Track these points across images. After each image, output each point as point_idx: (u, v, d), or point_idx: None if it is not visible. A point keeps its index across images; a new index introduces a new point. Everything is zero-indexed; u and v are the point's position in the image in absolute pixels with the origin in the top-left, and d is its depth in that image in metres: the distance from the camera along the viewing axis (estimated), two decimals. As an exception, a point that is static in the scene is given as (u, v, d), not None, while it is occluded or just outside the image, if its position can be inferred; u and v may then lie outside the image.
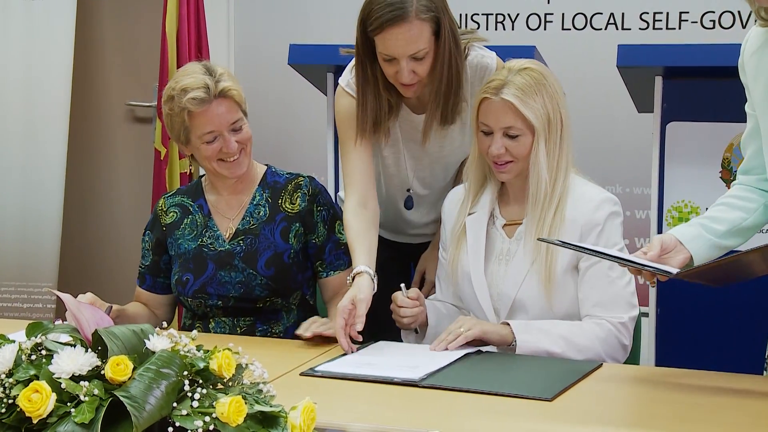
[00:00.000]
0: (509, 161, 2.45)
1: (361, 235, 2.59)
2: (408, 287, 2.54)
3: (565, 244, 2.20)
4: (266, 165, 2.83)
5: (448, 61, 2.57)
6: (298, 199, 2.74)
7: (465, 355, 2.34)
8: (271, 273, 2.68)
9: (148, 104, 4.85)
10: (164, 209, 2.82)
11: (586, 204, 2.45)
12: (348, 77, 2.72)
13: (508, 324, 2.40)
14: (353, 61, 2.69)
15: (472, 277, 2.50)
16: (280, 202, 2.75)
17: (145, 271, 2.84)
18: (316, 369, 2.24)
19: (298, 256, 2.73)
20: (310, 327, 2.53)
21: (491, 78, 2.47)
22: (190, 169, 4.28)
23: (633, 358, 2.56)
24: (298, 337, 2.60)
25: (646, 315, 3.00)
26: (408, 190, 2.86)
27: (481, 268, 2.50)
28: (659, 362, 3.18)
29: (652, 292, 3.23)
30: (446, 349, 2.36)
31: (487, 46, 3.10)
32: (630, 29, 4.10)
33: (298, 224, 2.72)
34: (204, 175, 2.84)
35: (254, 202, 2.75)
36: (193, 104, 2.60)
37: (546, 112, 2.42)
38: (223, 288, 2.70)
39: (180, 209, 2.80)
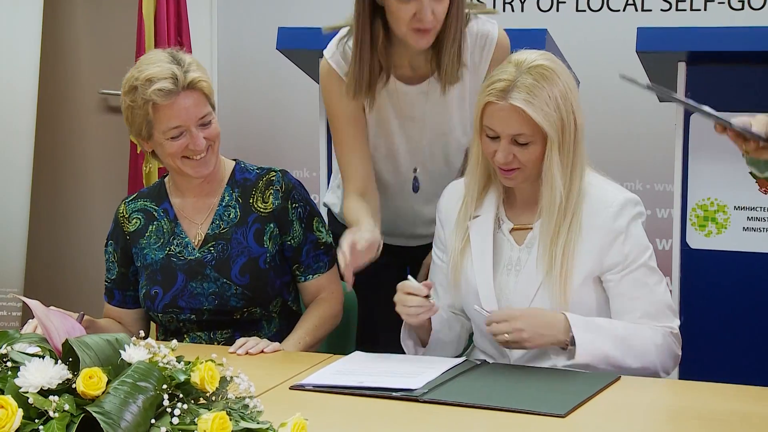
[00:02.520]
0: (516, 168, 2.42)
1: (363, 209, 2.64)
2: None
3: (652, 87, 2.19)
4: (234, 160, 2.81)
5: (459, 7, 2.63)
6: (271, 196, 2.72)
7: (470, 368, 2.35)
8: (246, 281, 2.67)
9: (123, 93, 4.84)
10: (126, 216, 2.79)
11: (605, 210, 2.42)
12: (336, 52, 2.74)
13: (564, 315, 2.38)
14: (342, 33, 2.74)
15: (480, 292, 2.47)
16: (251, 201, 2.73)
17: (112, 286, 2.81)
18: (306, 382, 2.25)
19: (275, 260, 2.71)
20: (244, 345, 2.54)
21: (496, 75, 2.42)
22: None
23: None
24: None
25: (668, 323, 3.00)
26: (415, 170, 2.87)
27: (490, 282, 2.47)
28: (682, 375, 3.18)
29: (675, 298, 3.23)
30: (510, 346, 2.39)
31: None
32: (651, 11, 4.10)
33: (272, 225, 2.71)
34: (166, 175, 2.82)
35: (223, 204, 2.73)
36: (158, 96, 2.57)
37: (559, 116, 2.38)
38: (195, 300, 2.69)
39: (143, 215, 2.78)
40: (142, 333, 1.72)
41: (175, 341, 1.76)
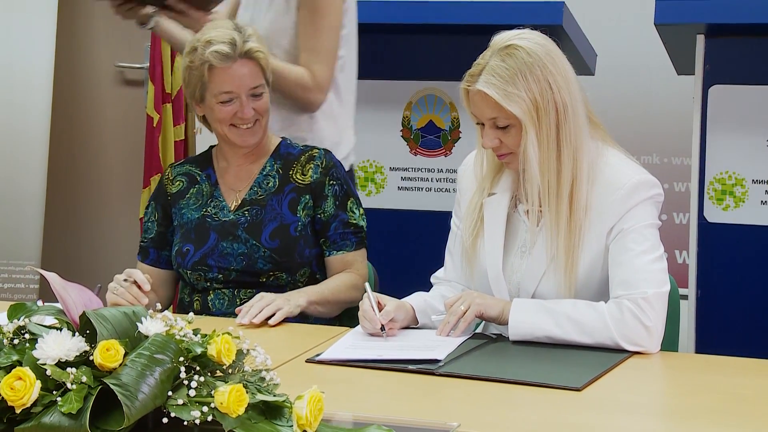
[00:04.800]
0: (508, 153, 2.38)
1: None
2: None
3: None
4: (281, 137, 2.87)
5: None
6: (311, 170, 2.77)
7: (485, 341, 2.35)
8: (275, 245, 2.71)
9: (139, 66, 4.85)
10: (170, 178, 2.87)
11: (616, 192, 2.36)
12: None
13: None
14: None
15: (489, 273, 2.45)
16: (291, 173, 2.78)
17: (148, 245, 2.86)
18: (323, 355, 2.25)
19: (306, 230, 2.75)
20: (248, 311, 2.53)
21: (477, 61, 2.37)
22: (186, 137, 4.28)
23: (671, 344, 2.56)
24: (305, 320, 2.61)
25: (685, 298, 3.00)
26: None
27: (498, 264, 2.45)
28: (699, 349, 3.18)
29: (692, 273, 3.23)
30: (448, 335, 2.36)
31: (508, 3, 3.10)
32: (669, -17, 4.08)
33: (308, 196, 2.75)
34: (215, 145, 2.88)
35: (264, 173, 2.79)
36: (215, 58, 2.65)
37: (531, 97, 2.30)
38: (224, 260, 2.72)
39: (187, 178, 2.85)
40: (158, 306, 1.72)
41: (192, 314, 1.77)
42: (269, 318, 2.53)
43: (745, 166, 3.20)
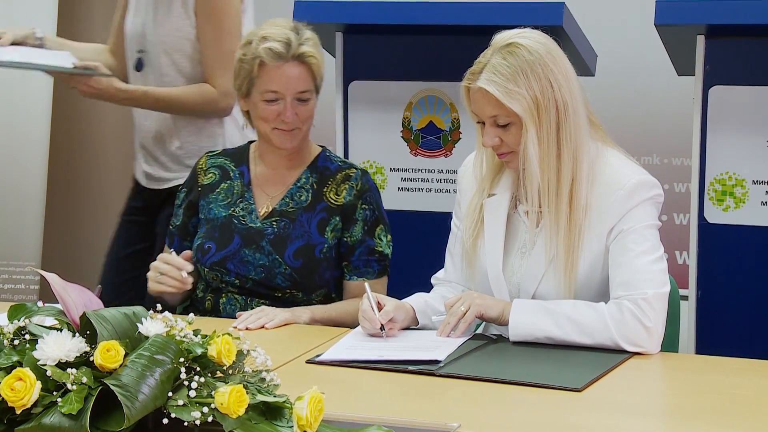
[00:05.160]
0: (509, 152, 2.38)
1: None
2: None
3: None
4: (321, 147, 2.84)
5: None
6: (345, 191, 2.74)
7: (485, 342, 2.35)
8: (298, 265, 2.69)
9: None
10: (204, 168, 2.85)
11: (616, 192, 2.36)
12: None
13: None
14: None
15: (489, 273, 2.46)
16: (325, 190, 2.75)
17: (174, 231, 2.86)
18: (323, 356, 2.25)
19: (331, 252, 2.73)
20: (245, 321, 2.55)
21: (478, 59, 2.38)
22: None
23: (671, 345, 2.56)
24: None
25: (685, 298, 2.99)
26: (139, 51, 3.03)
27: (498, 265, 2.45)
28: (700, 350, 3.18)
29: (692, 274, 3.23)
30: (448, 336, 2.35)
31: (509, 4, 3.09)
32: (669, -17, 4.08)
33: (338, 218, 2.73)
34: (254, 141, 2.86)
35: (298, 184, 2.77)
36: (267, 55, 2.64)
37: (532, 95, 2.30)
38: (243, 267, 2.71)
39: (220, 171, 2.83)
40: (159, 306, 1.72)
41: (192, 315, 1.77)
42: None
43: (746, 166, 3.19)
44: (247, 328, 2.51)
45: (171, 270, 2.62)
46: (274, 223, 2.73)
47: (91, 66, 3.03)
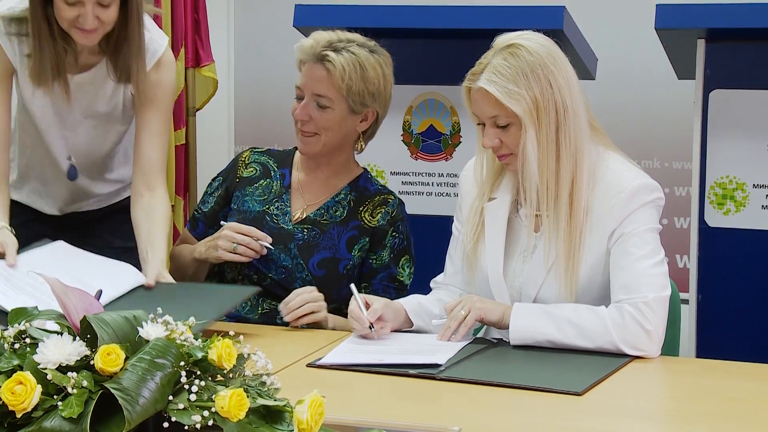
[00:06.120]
0: (508, 153, 2.38)
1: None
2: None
3: None
4: (364, 168, 2.86)
5: (137, 13, 2.66)
6: (379, 215, 2.76)
7: (486, 346, 2.35)
8: (321, 275, 2.71)
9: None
10: (246, 162, 2.87)
11: (617, 195, 2.36)
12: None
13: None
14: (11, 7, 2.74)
15: (490, 277, 2.46)
16: (360, 210, 2.77)
17: (200, 217, 2.87)
18: (324, 359, 2.25)
19: (354, 271, 2.74)
20: (292, 302, 2.57)
21: (479, 60, 2.38)
22: (187, 141, 4.27)
23: (671, 348, 2.56)
24: (308, 327, 2.62)
25: (686, 302, 3.00)
26: (69, 158, 2.90)
27: (499, 269, 2.45)
28: (700, 353, 3.18)
29: (693, 278, 3.23)
30: (449, 340, 2.36)
31: (510, 7, 3.10)
32: (669, -13, 4.08)
33: (367, 239, 2.74)
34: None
35: (337, 199, 2.78)
36: (299, 51, 2.73)
37: (532, 96, 2.30)
38: (266, 264, 2.72)
39: (261, 168, 2.85)
40: (159, 310, 1.71)
41: (192, 318, 1.77)
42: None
43: (746, 170, 3.20)
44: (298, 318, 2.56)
45: (250, 242, 2.66)
46: (306, 229, 2.74)
47: None
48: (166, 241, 2.73)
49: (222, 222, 2.77)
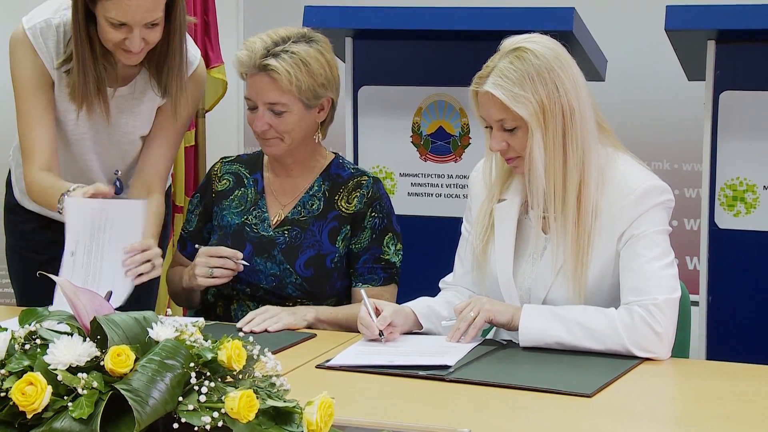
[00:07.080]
0: (516, 156, 2.38)
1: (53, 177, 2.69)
2: None
3: None
4: (334, 153, 2.84)
5: (179, 30, 2.68)
6: (356, 199, 2.74)
7: (496, 347, 2.35)
8: (309, 274, 2.70)
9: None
10: (219, 174, 2.86)
11: (626, 197, 2.36)
12: (38, 27, 2.73)
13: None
14: (45, 6, 2.74)
15: (499, 279, 2.46)
16: (336, 198, 2.75)
17: (187, 237, 2.87)
18: (333, 360, 2.26)
19: (342, 262, 2.73)
20: (250, 322, 2.56)
21: (486, 63, 2.38)
22: (196, 143, 4.28)
23: (682, 351, 2.56)
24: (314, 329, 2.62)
25: (696, 304, 2.99)
26: (117, 173, 2.90)
27: (509, 270, 2.45)
28: (710, 355, 3.18)
29: (703, 279, 3.23)
30: (458, 341, 2.36)
31: (519, 9, 3.10)
32: (680, -12, 4.08)
33: (348, 227, 2.73)
34: None
35: (310, 192, 2.77)
36: (236, 62, 2.67)
37: (538, 99, 2.30)
38: (254, 276, 2.71)
39: (234, 178, 2.84)
40: (169, 311, 1.72)
41: (201, 319, 1.77)
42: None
43: (756, 172, 3.19)
44: (252, 332, 2.51)
45: (226, 262, 2.65)
46: (286, 232, 2.73)
47: None
48: (152, 231, 2.73)
49: (197, 246, 2.77)
